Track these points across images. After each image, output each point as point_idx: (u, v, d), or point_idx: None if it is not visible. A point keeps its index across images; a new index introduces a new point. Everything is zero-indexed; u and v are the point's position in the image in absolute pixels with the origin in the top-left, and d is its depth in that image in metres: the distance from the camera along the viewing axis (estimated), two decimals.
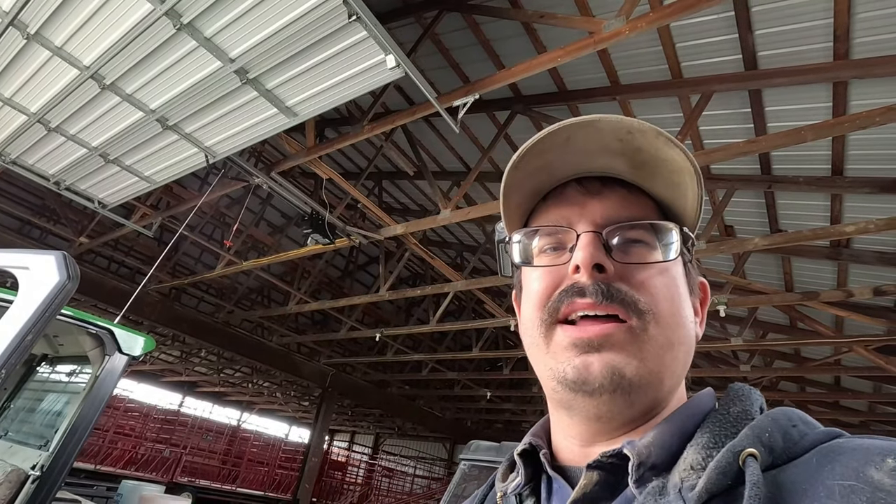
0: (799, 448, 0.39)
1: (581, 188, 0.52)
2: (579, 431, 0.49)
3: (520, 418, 18.23)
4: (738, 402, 0.46)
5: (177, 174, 5.14)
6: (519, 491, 0.51)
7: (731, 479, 0.37)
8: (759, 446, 0.38)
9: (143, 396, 19.20)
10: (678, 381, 0.49)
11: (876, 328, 6.40)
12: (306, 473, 13.89)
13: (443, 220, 5.92)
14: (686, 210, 0.51)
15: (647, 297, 0.46)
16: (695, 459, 0.40)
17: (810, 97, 4.21)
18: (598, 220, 0.50)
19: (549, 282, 0.50)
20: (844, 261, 5.66)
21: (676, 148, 0.46)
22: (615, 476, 0.43)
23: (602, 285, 0.46)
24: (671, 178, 0.49)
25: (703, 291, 0.57)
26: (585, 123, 0.47)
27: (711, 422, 0.44)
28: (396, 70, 3.48)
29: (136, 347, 2.92)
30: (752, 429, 0.40)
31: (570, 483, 0.47)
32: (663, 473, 0.41)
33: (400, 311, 12.73)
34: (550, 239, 0.52)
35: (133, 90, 4.07)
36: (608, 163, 0.50)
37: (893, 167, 4.44)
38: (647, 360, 0.45)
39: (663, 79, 4.60)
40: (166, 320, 10.50)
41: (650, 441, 0.43)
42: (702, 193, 0.49)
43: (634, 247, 0.49)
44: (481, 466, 3.89)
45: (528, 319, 0.52)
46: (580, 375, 0.45)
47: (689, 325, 0.49)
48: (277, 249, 9.14)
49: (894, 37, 3.57)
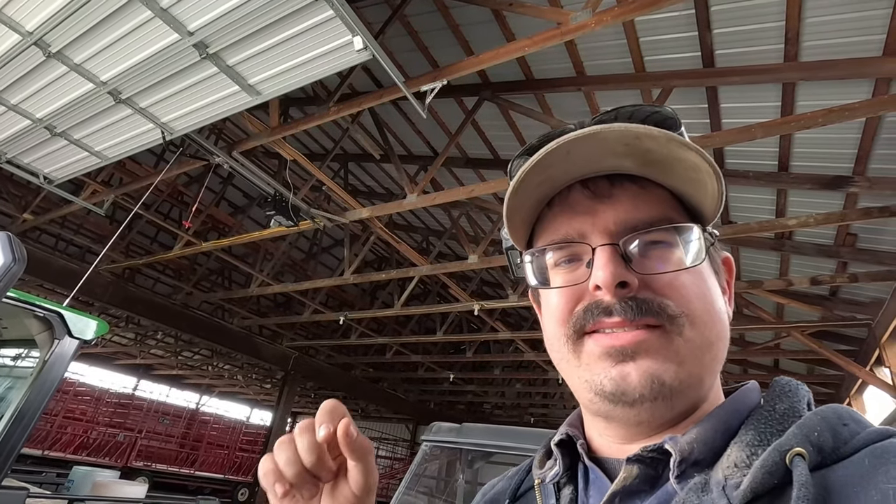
0: (849, 448, 0.37)
1: (588, 192, 0.48)
2: (617, 433, 0.48)
3: (482, 399, 18.63)
4: (785, 398, 0.44)
5: (131, 150, 4.91)
6: (557, 479, 0.51)
7: (777, 478, 0.35)
8: (808, 445, 0.36)
9: (95, 380, 18.46)
10: (717, 374, 0.47)
11: (812, 315, 6.88)
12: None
13: (409, 204, 5.91)
14: (706, 202, 0.47)
15: (678, 299, 0.44)
16: (739, 457, 0.39)
17: (761, 96, 4.41)
18: (611, 228, 0.46)
19: (568, 298, 0.47)
20: (787, 252, 6.02)
21: (692, 150, 0.43)
22: (655, 470, 0.43)
23: (629, 301, 0.43)
24: (687, 175, 0.45)
25: (728, 267, 0.54)
26: (587, 136, 0.43)
27: (756, 419, 0.42)
28: (364, 52, 3.42)
29: (88, 331, 2.82)
30: (799, 427, 0.38)
31: (608, 474, 0.47)
32: (706, 470, 0.40)
33: (364, 295, 12.69)
34: (564, 252, 0.49)
35: (82, 60, 3.84)
36: (614, 164, 0.47)
37: (833, 165, 4.74)
38: (686, 363, 0.43)
39: (627, 72, 4.71)
40: (119, 302, 10.09)
41: (693, 437, 0.41)
42: (722, 189, 0.45)
43: (655, 249, 0.46)
44: (442, 447, 3.99)
45: (552, 336, 0.49)
46: (618, 387, 0.43)
47: (723, 318, 0.47)
48: (239, 230, 8.91)
49: (839, 42, 3.78)
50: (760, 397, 0.47)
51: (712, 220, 0.49)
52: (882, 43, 3.63)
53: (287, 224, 6.26)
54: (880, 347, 6.41)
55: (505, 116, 5.73)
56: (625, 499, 0.43)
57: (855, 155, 4.51)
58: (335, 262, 11.84)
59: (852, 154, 4.52)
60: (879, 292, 6.18)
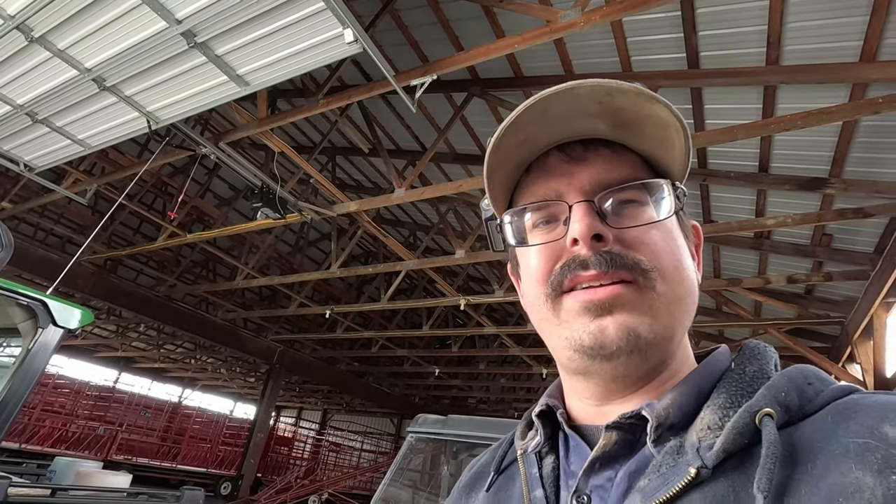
0: (814, 405, 0.39)
1: (564, 155, 0.50)
2: (594, 393, 0.49)
3: (466, 394, 18.75)
4: (754, 360, 0.46)
5: (115, 139, 4.83)
6: (539, 449, 0.52)
7: (747, 438, 0.37)
8: (776, 405, 0.38)
9: (75, 372, 18.14)
10: (686, 329, 0.49)
11: (788, 312, 7.08)
12: (251, 449, 13.74)
13: (397, 199, 5.93)
14: (674, 162, 0.50)
15: (649, 254, 0.46)
16: (712, 419, 0.40)
17: (744, 98, 4.52)
18: (586, 188, 0.48)
19: (547, 256, 0.49)
20: (765, 251, 6.18)
21: (659, 104, 0.45)
22: (633, 435, 0.45)
23: (604, 254, 0.45)
24: (656, 133, 0.48)
25: (696, 235, 0.56)
26: (563, 91, 0.45)
27: (727, 382, 0.44)
28: (354, 45, 3.42)
29: (72, 320, 2.81)
30: (768, 388, 0.40)
31: (587, 441, 0.49)
32: (680, 433, 0.42)
33: (351, 289, 12.67)
34: (542, 213, 0.51)
35: (65, 45, 3.77)
36: (588, 125, 0.49)
37: (810, 167, 4.87)
38: (659, 316, 0.45)
39: (614, 71, 4.78)
40: (101, 293, 9.93)
41: (668, 403, 0.43)
42: (689, 146, 0.48)
43: (628, 207, 0.48)
44: (428, 439, 4.04)
45: (532, 295, 0.50)
46: (597, 340, 0.44)
47: (692, 276, 0.49)
48: (224, 222, 8.83)
49: (819, 47, 3.89)
50: (731, 361, 0.48)
51: (681, 179, 0.51)
52: (859, 49, 3.74)
53: (274, 216, 6.23)
54: (852, 345, 6.63)
55: (493, 112, 5.77)
56: (605, 464, 0.45)
57: (832, 157, 4.64)
58: (322, 256, 11.80)
59: (829, 156, 4.66)
60: (852, 291, 6.38)
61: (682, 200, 0.51)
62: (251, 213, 6.59)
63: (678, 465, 0.39)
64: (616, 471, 0.44)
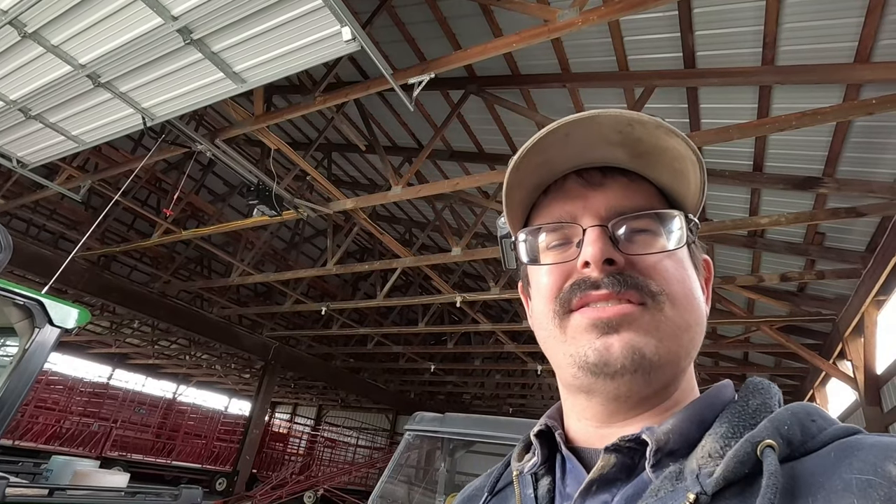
0: (817, 442, 0.39)
1: (582, 180, 0.52)
2: (595, 413, 0.49)
3: (461, 390, 18.82)
4: (758, 394, 0.46)
5: (109, 136, 4.80)
6: (535, 470, 0.52)
7: (748, 467, 0.37)
8: (778, 438, 0.38)
9: (69, 369, 18.04)
10: (692, 358, 0.49)
11: (780, 310, 7.15)
12: (247, 445, 13.74)
13: (394, 196, 5.92)
14: (688, 196, 0.51)
15: (659, 280, 0.47)
16: (713, 448, 0.40)
17: (739, 98, 4.55)
18: (602, 213, 0.49)
19: (558, 276, 0.50)
20: (759, 249, 6.24)
21: (677, 137, 0.46)
22: (632, 459, 0.44)
23: (615, 276, 0.46)
24: (673, 166, 0.49)
25: (707, 269, 0.57)
26: (585, 120, 0.47)
27: (730, 412, 0.44)
28: (352, 43, 3.41)
29: (69, 319, 2.79)
30: (770, 421, 0.40)
31: (584, 464, 0.48)
32: (680, 460, 0.42)
33: (346, 285, 12.66)
34: (556, 235, 0.52)
35: (59, 41, 3.74)
36: (608, 153, 0.50)
37: (804, 166, 4.92)
38: (665, 339, 0.45)
39: (611, 70, 4.79)
40: (95, 289, 9.88)
41: (669, 428, 0.43)
42: (704, 179, 0.49)
43: (641, 236, 0.49)
44: (425, 436, 4.07)
45: (540, 313, 0.51)
46: (601, 357, 0.45)
47: (701, 306, 0.50)
48: (219, 219, 8.79)
49: (814, 48, 3.92)
50: (734, 393, 0.49)
51: (694, 212, 0.52)
52: (854, 50, 3.78)
53: (270, 213, 6.21)
54: (843, 342, 6.71)
55: (490, 111, 5.77)
56: (601, 487, 0.44)
57: (825, 157, 4.69)
58: (317, 253, 11.77)
59: (823, 156, 4.70)
60: (844, 289, 6.46)
61: (694, 233, 0.52)
62: (246, 210, 6.57)
63: (677, 491, 0.39)
64: (613, 495, 0.44)
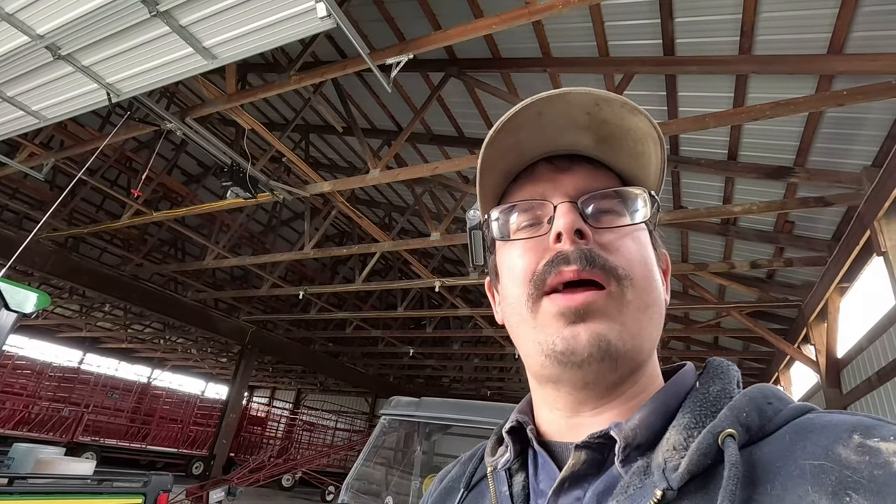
0: (773, 424, 0.41)
1: (551, 166, 0.54)
2: (565, 402, 0.50)
3: (440, 374, 18.97)
4: (717, 379, 0.48)
5: (72, 111, 4.58)
6: (508, 466, 0.53)
7: (711, 458, 0.39)
8: (738, 426, 0.40)
9: (37, 353, 17.53)
10: (654, 343, 0.51)
11: (749, 297, 7.35)
12: (224, 429, 13.65)
13: (372, 179, 5.84)
14: (650, 177, 0.53)
15: (624, 261, 0.48)
16: (677, 440, 0.42)
17: (716, 87, 4.58)
18: (570, 192, 0.52)
19: (531, 256, 0.51)
20: (731, 237, 6.37)
21: (640, 115, 0.48)
22: (601, 454, 0.46)
23: (585, 251, 0.48)
24: (635, 148, 0.51)
25: (665, 262, 0.59)
26: (556, 97, 0.48)
27: (692, 401, 0.45)
28: (327, 20, 3.30)
29: (27, 304, 2.69)
30: (730, 409, 0.41)
31: (555, 458, 0.50)
32: (647, 453, 0.43)
33: (325, 269, 12.53)
34: (527, 215, 0.53)
35: (14, 9, 3.53)
36: (575, 139, 0.52)
37: (776, 156, 5.01)
38: (628, 324, 0.47)
39: (592, 56, 4.77)
40: (62, 272, 9.55)
41: (636, 423, 0.45)
42: (664, 158, 0.52)
43: (607, 215, 0.51)
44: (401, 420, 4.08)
45: (513, 297, 0.52)
46: (569, 346, 0.46)
47: (660, 288, 0.52)
48: (193, 200, 8.56)
49: (790, 38, 3.95)
50: (696, 379, 0.50)
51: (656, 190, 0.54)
52: (828, 41, 3.83)
53: (245, 196, 6.07)
54: (807, 327, 6.96)
55: (471, 94, 5.70)
56: (573, 483, 0.46)
57: (797, 147, 4.78)
58: (295, 236, 11.61)
59: (795, 146, 4.79)
60: (810, 276, 6.66)
61: (655, 221, 0.55)
62: (221, 191, 6.40)
63: (645, 487, 0.41)
64: (585, 490, 0.45)
